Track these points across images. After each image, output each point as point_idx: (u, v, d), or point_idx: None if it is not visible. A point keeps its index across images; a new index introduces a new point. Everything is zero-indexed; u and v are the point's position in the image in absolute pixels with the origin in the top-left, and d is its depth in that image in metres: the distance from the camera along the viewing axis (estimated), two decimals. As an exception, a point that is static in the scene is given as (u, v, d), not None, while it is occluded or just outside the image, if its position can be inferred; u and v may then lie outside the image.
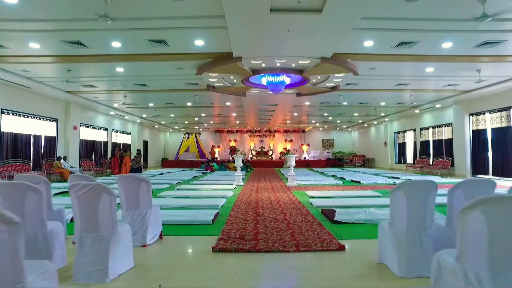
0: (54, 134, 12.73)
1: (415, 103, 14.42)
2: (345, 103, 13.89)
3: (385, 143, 21.03)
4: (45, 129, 12.22)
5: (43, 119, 12.08)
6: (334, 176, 13.70)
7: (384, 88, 11.33)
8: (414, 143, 17.93)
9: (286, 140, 27.30)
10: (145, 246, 3.48)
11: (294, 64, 8.18)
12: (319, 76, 9.33)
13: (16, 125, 10.67)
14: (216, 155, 25.51)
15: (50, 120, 12.48)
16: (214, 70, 8.44)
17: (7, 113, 10.27)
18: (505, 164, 11.27)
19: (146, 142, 23.18)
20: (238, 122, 22.00)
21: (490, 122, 12.08)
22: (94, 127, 16.00)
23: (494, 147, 11.84)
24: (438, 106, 14.51)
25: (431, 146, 16.20)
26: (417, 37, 6.40)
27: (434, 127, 16.04)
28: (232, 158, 21.31)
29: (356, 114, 18.29)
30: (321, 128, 26.28)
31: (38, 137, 11.75)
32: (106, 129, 17.29)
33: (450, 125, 14.59)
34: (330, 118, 19.87)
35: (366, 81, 10.15)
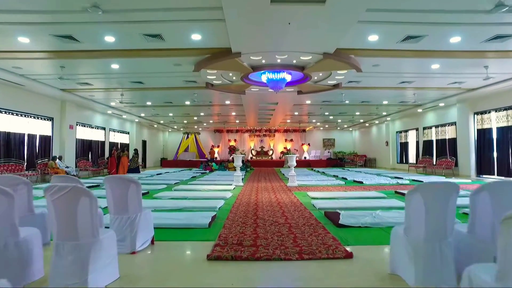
0: (49, 133, 12.44)
1: (419, 102, 14.13)
2: (346, 102, 13.59)
3: (386, 143, 20.74)
4: (39, 128, 11.93)
5: (38, 118, 11.79)
6: (335, 176, 13.42)
7: (387, 86, 11.05)
8: (417, 143, 17.64)
9: (286, 139, 27.03)
10: (134, 253, 3.19)
11: (295, 60, 7.90)
12: (321, 73, 9.05)
13: (9, 124, 10.38)
14: (215, 155, 25.24)
15: (45, 119, 12.19)
16: (213, 67, 8.15)
17: (0, 111, 9.99)
18: (511, 164, 10.98)
19: (144, 142, 22.91)
20: (237, 121, 21.72)
21: (495, 121, 11.78)
22: (91, 126, 15.72)
23: (500, 147, 11.55)
24: (441, 105, 14.22)
25: (434, 145, 15.92)
26: (424, 30, 6.10)
27: (437, 126, 15.75)
28: (231, 158, 21.01)
29: (357, 113, 18.01)
30: (321, 127, 26.00)
31: (32, 136, 11.46)
32: (104, 128, 17.00)
33: (453, 124, 14.30)
34: (331, 117, 19.59)
35: (369, 78, 9.86)
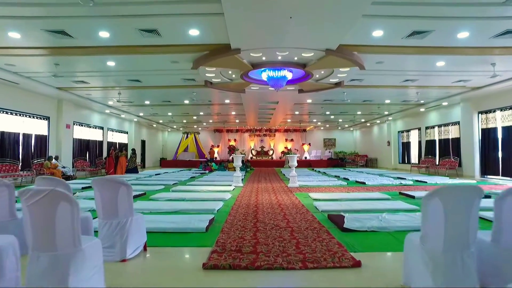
0: (45, 133, 12.21)
1: (422, 101, 13.89)
2: (348, 101, 13.34)
3: (388, 143, 20.50)
4: (35, 127, 11.69)
5: (33, 117, 11.55)
6: (337, 176, 13.17)
7: (390, 84, 10.80)
8: (419, 143, 17.39)
9: (286, 139, 26.80)
10: (124, 261, 2.96)
11: (296, 57, 7.65)
12: (323, 70, 8.80)
13: (3, 123, 10.14)
14: (215, 155, 25.01)
15: (41, 118, 11.96)
16: (211, 64, 7.90)
17: (-6, 110, 9.78)
18: (517, 164, 10.76)
19: (143, 142, 22.67)
20: (237, 121, 21.48)
21: (501, 120, 11.54)
22: (89, 126, 15.48)
23: (505, 147, 11.30)
24: (444, 104, 13.98)
25: (437, 145, 15.67)
26: (431, 25, 5.86)
27: (440, 126, 15.50)
28: (231, 158, 20.78)
29: (359, 113, 17.77)
30: (322, 127, 25.76)
31: (27, 135, 11.22)
32: (102, 128, 16.77)
33: (457, 123, 14.06)
34: (332, 117, 19.34)
35: (372, 76, 9.62)
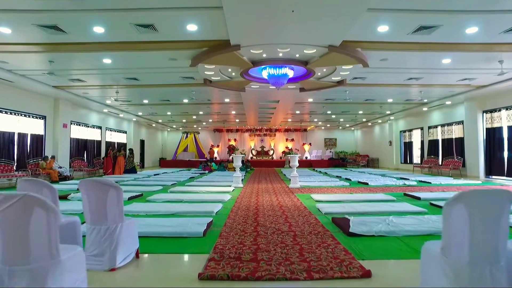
0: (41, 132, 11.97)
1: (425, 100, 13.65)
2: (350, 100, 13.10)
3: (390, 143, 20.26)
4: (31, 126, 11.46)
5: (29, 116, 11.31)
6: (339, 177, 12.93)
7: (393, 83, 10.57)
8: (422, 142, 17.15)
9: (287, 139, 26.58)
10: (114, 270, 2.72)
11: (298, 54, 7.41)
12: (325, 68, 8.56)
13: (-2, 122, 9.94)
14: (215, 155, 24.78)
15: (37, 117, 11.73)
16: (210, 61, 7.67)
17: (-12, 109, 9.55)
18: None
19: (143, 141, 22.44)
20: (237, 120, 21.24)
21: (506, 119, 11.30)
22: (86, 126, 15.25)
23: (511, 146, 11.06)
24: (448, 103, 13.73)
25: (440, 145, 15.43)
26: (439, 20, 5.62)
27: (443, 126, 15.26)
28: (231, 158, 20.55)
29: (360, 112, 17.52)
30: (323, 127, 25.53)
31: (23, 135, 10.99)
32: (100, 127, 16.54)
33: (461, 123, 13.82)
34: (333, 116, 19.10)
35: (375, 74, 9.39)
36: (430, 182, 10.37)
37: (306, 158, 24.45)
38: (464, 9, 5.18)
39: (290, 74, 8.38)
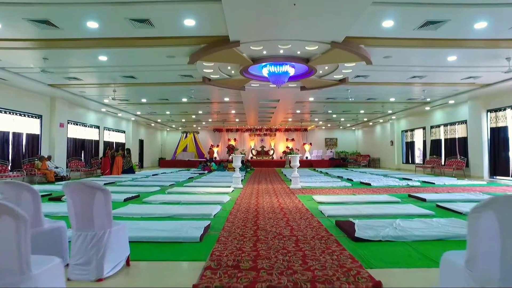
0: (37, 132, 11.75)
1: (428, 99, 13.42)
2: (351, 99, 12.87)
3: (391, 142, 20.03)
4: (27, 126, 11.24)
5: (25, 115, 11.09)
6: (340, 177, 12.70)
7: (396, 81, 10.36)
8: (424, 142, 16.92)
9: (287, 139, 26.38)
10: (101, 280, 2.50)
11: (299, 51, 7.19)
12: (327, 66, 8.34)
13: (-9, 121, 9.72)
14: (215, 155, 24.56)
15: (32, 116, 11.50)
16: (209, 58, 7.44)
17: (-19, 108, 9.33)
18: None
19: (141, 141, 22.21)
20: (237, 120, 21.02)
21: (511, 119, 11.07)
22: (84, 125, 15.02)
23: (516, 146, 10.86)
24: (451, 102, 13.50)
25: (443, 145, 15.21)
26: (446, 14, 5.39)
27: (446, 125, 15.04)
28: (230, 158, 20.34)
29: (362, 112, 17.30)
30: (324, 127, 25.32)
31: (18, 134, 10.77)
32: (98, 127, 16.31)
33: (464, 122, 13.60)
34: (334, 115, 18.89)
35: (378, 72, 9.17)
36: (434, 183, 10.14)
37: (307, 158, 24.25)
38: (473, 2, 4.96)
39: (291, 72, 8.16)
